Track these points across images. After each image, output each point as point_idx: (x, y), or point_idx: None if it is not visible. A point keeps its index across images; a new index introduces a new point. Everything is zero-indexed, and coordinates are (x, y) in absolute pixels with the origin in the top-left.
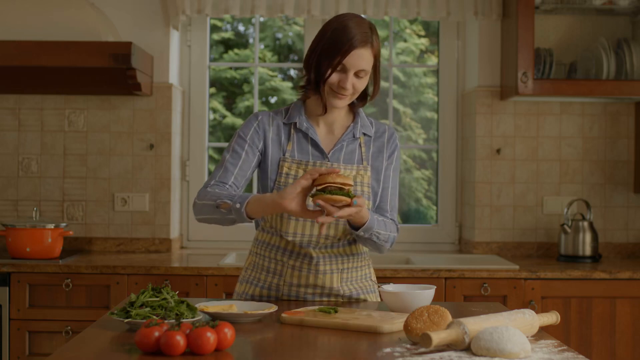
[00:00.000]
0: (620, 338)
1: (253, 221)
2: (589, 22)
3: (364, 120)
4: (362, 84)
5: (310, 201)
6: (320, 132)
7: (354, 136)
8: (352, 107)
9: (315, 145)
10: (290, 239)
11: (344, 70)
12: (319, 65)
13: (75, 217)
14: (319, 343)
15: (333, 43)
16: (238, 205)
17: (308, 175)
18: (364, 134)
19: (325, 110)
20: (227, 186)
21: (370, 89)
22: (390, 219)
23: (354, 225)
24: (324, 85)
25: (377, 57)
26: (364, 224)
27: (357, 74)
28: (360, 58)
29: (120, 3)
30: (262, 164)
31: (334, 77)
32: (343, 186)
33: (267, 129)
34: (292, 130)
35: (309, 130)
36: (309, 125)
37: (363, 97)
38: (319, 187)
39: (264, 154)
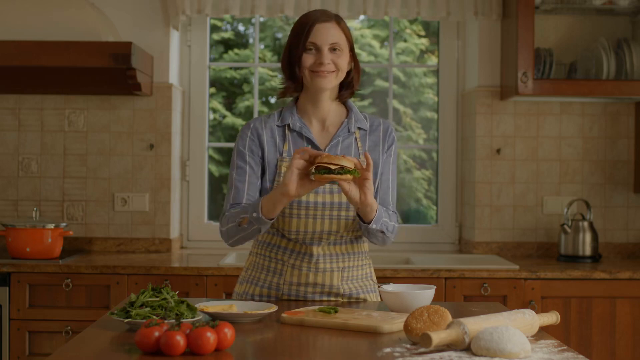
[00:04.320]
0: (620, 338)
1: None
2: (589, 22)
3: (357, 115)
4: (342, 61)
5: (312, 176)
6: (314, 130)
7: (348, 131)
8: (344, 102)
9: (311, 143)
10: (293, 237)
11: (317, 49)
12: (292, 54)
13: (75, 217)
14: (319, 343)
15: (298, 28)
16: (255, 215)
17: (297, 156)
18: (359, 128)
19: (315, 94)
20: (243, 205)
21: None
22: (392, 211)
23: (364, 219)
24: (303, 71)
25: (348, 39)
26: (375, 215)
27: (332, 50)
28: (327, 32)
29: (120, 3)
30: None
31: (310, 58)
32: (345, 168)
33: (261, 134)
34: (286, 131)
35: (303, 129)
36: (302, 125)
37: (348, 86)
38: (321, 168)
39: (262, 157)
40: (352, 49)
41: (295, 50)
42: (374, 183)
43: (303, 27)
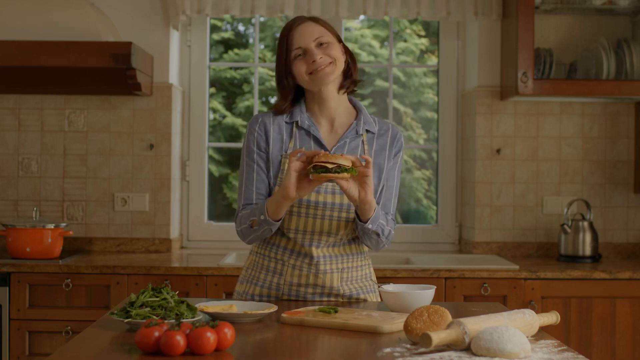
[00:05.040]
0: (620, 338)
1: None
2: (589, 22)
3: (367, 117)
4: (334, 51)
5: (310, 176)
6: (322, 130)
7: (356, 133)
8: (354, 104)
9: (317, 142)
10: (292, 235)
11: (305, 51)
12: (283, 67)
13: (75, 217)
14: (319, 343)
15: (280, 41)
16: (262, 217)
17: (293, 158)
18: (367, 131)
19: (319, 91)
20: (254, 204)
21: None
22: (391, 218)
23: (362, 218)
24: (300, 79)
25: (332, 32)
26: (372, 215)
27: (319, 45)
28: (306, 30)
29: (120, 3)
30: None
31: (302, 64)
32: (343, 166)
33: (268, 129)
34: (294, 128)
35: (311, 127)
36: (310, 123)
37: (348, 75)
38: (319, 167)
39: (267, 152)
40: (340, 41)
41: (284, 63)
42: (377, 187)
43: (283, 39)
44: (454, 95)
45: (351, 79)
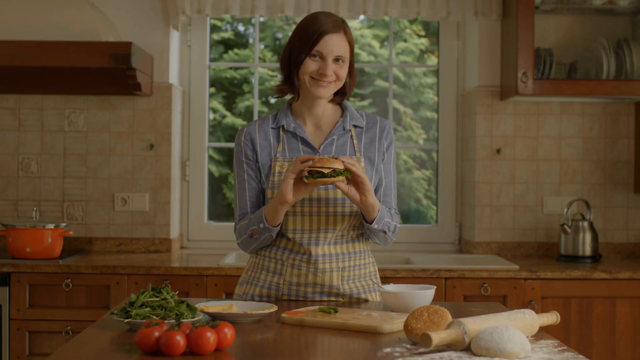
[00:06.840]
0: (620, 338)
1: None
2: (589, 22)
3: (353, 114)
4: (343, 71)
5: (305, 179)
6: (308, 130)
7: (344, 129)
8: (339, 103)
9: (305, 142)
10: (290, 236)
11: (322, 58)
12: (294, 57)
13: (75, 217)
14: (319, 343)
15: (305, 33)
16: (262, 225)
17: (294, 168)
18: (355, 126)
19: (311, 98)
20: (250, 214)
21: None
22: (395, 212)
23: (367, 219)
24: (302, 76)
25: (351, 48)
26: (377, 215)
27: (335, 61)
28: (335, 43)
29: (120, 3)
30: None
31: (313, 65)
32: (335, 170)
33: (254, 137)
34: (281, 132)
35: (297, 129)
36: (296, 125)
37: (341, 92)
38: (313, 172)
39: (256, 160)
40: (351, 57)
41: (298, 55)
42: (371, 178)
43: (311, 34)
44: (454, 95)
45: (342, 96)
